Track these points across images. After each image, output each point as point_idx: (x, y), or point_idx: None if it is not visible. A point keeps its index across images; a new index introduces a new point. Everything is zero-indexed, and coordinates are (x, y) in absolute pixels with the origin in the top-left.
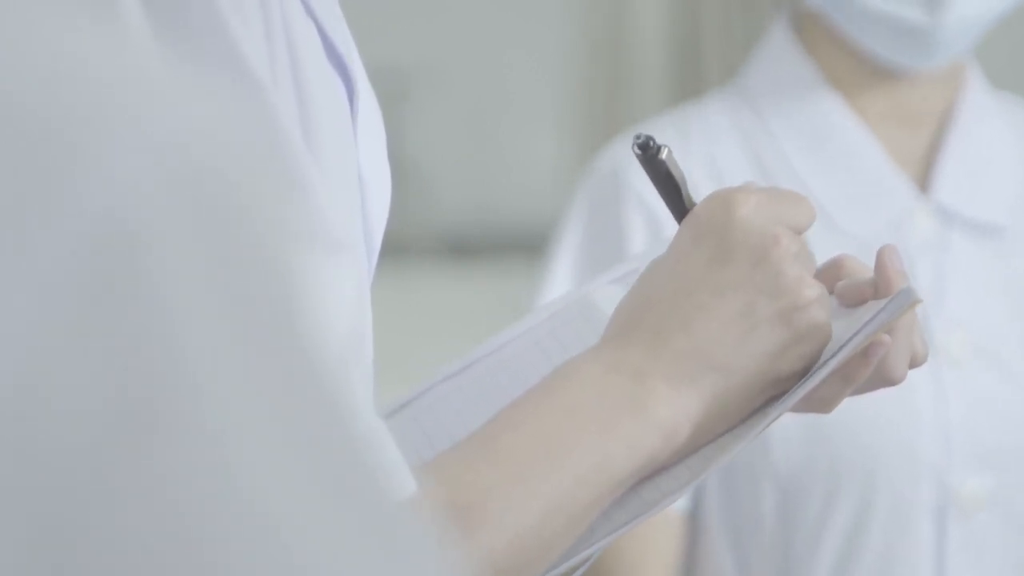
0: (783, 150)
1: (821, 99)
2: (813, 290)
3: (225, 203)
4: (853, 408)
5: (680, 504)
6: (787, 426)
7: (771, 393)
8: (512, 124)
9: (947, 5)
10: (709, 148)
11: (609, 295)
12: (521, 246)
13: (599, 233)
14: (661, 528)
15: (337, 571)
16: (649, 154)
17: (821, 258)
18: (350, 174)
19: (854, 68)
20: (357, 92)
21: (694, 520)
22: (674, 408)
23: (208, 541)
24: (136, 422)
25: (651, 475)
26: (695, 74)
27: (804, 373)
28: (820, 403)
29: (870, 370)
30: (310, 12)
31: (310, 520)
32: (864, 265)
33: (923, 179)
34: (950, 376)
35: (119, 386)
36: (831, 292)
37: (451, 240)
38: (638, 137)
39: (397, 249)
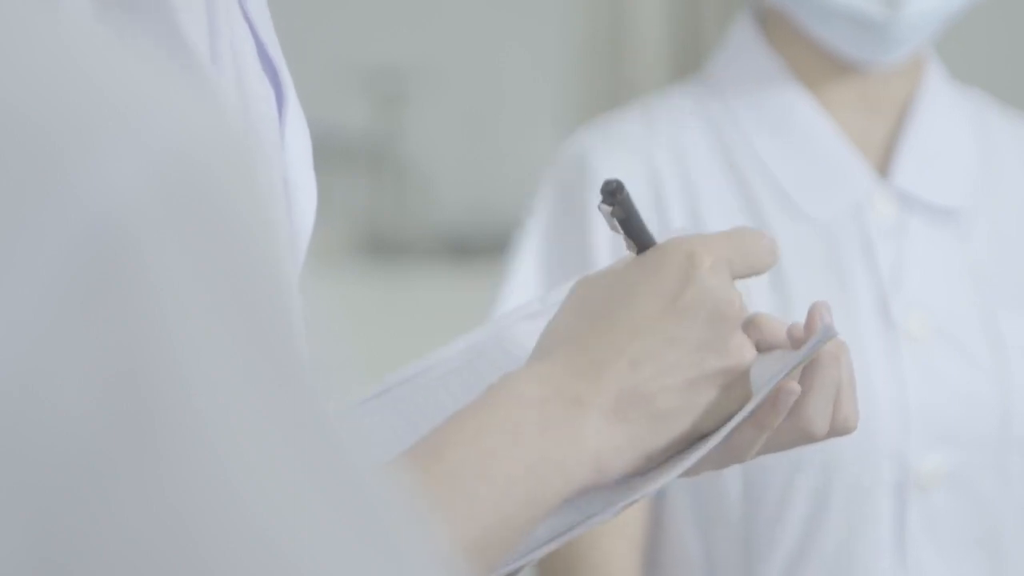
0: (747, 136)
1: (785, 89)
2: (751, 355)
3: (216, 203)
4: None
5: None
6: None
7: (687, 444)
8: (511, 124)
9: (906, 0)
10: (676, 135)
11: (525, 329)
12: None
13: (565, 220)
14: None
15: (331, 568)
16: (620, 198)
17: (788, 244)
18: (277, 180)
19: (816, 61)
20: (286, 98)
21: (658, 502)
22: (603, 440)
23: (202, 537)
24: (130, 421)
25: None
26: (694, 74)
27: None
28: (734, 452)
29: (780, 418)
30: (246, 15)
31: (303, 516)
32: (780, 321)
33: (883, 165)
34: (908, 356)
35: (114, 385)
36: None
37: (450, 240)
38: (608, 184)
39: (396, 249)
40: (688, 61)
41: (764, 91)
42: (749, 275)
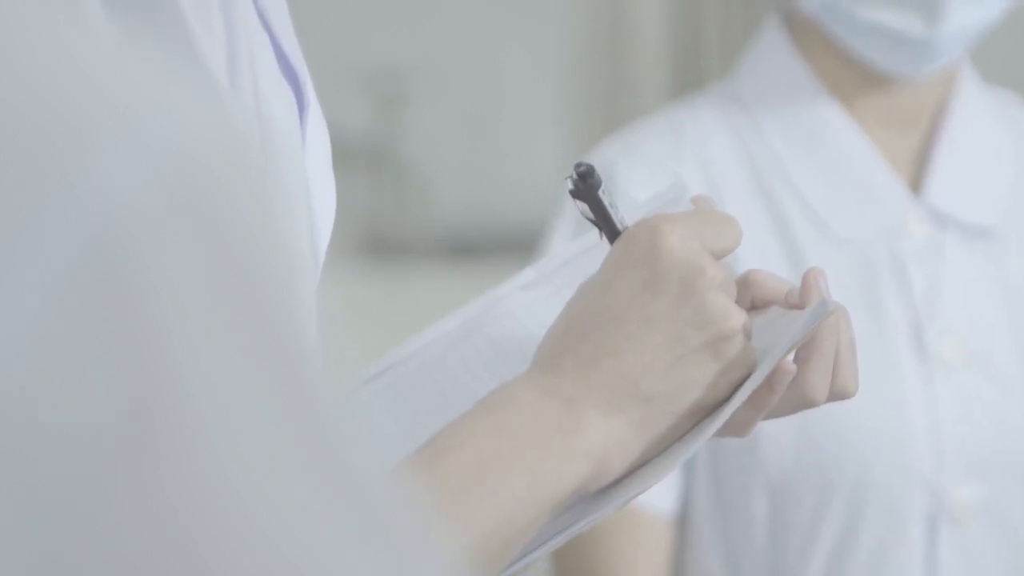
0: (776, 152)
1: (814, 102)
2: (738, 319)
3: (219, 204)
4: (844, 413)
5: (669, 508)
6: (778, 431)
7: (696, 419)
8: (511, 125)
9: (945, 16)
10: (703, 149)
11: (520, 300)
12: (520, 246)
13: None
14: (649, 532)
15: (331, 569)
16: (589, 183)
17: (818, 263)
18: (298, 185)
19: (848, 73)
20: (307, 104)
21: (683, 525)
22: (602, 434)
23: (205, 542)
24: (130, 421)
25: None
26: (694, 74)
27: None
28: (735, 428)
29: (776, 397)
30: (265, 23)
31: (303, 516)
32: (775, 276)
33: (916, 181)
34: (942, 382)
35: (116, 388)
36: (746, 308)
37: (450, 240)
38: (579, 166)
39: (396, 249)
40: (688, 61)
41: (793, 103)
42: (716, 254)
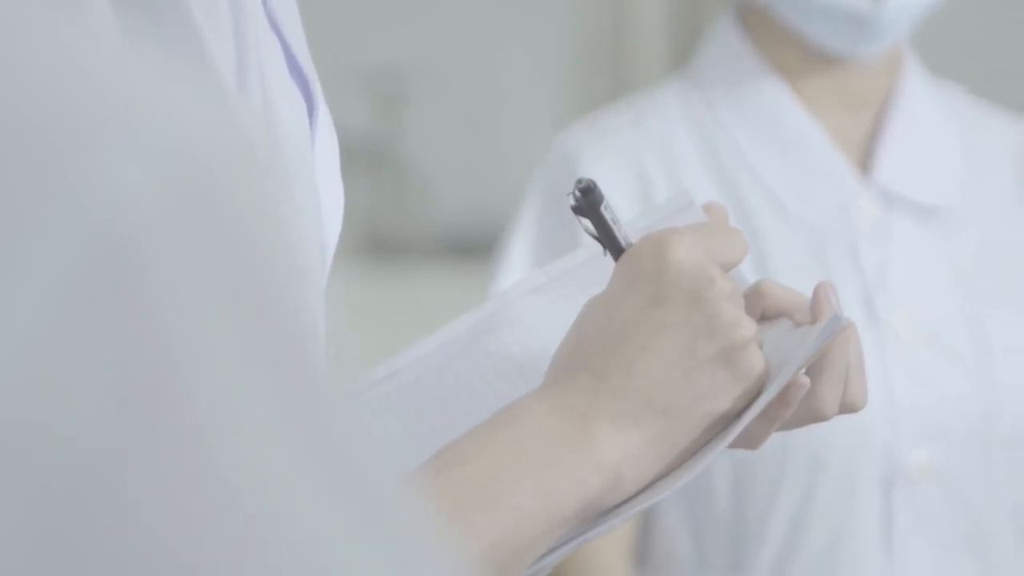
0: (733, 137)
1: (767, 87)
2: (748, 329)
3: (220, 204)
4: None
5: None
6: None
7: (713, 431)
8: (510, 124)
9: None
10: (663, 137)
11: (528, 304)
12: None
13: (552, 223)
14: None
15: (334, 571)
16: (590, 199)
17: (774, 244)
18: (308, 188)
19: (798, 56)
20: (316, 107)
21: None
22: (617, 449)
23: (206, 543)
24: (130, 423)
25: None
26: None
27: (744, 410)
28: (747, 440)
29: (790, 411)
30: (275, 26)
31: (306, 519)
32: (785, 288)
33: (865, 162)
34: (895, 355)
35: (116, 389)
36: (756, 318)
37: (450, 240)
38: (579, 182)
39: (396, 249)
40: (688, 61)
41: (746, 89)
42: (723, 265)
